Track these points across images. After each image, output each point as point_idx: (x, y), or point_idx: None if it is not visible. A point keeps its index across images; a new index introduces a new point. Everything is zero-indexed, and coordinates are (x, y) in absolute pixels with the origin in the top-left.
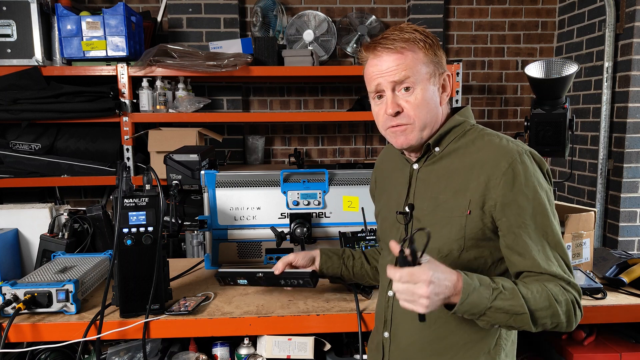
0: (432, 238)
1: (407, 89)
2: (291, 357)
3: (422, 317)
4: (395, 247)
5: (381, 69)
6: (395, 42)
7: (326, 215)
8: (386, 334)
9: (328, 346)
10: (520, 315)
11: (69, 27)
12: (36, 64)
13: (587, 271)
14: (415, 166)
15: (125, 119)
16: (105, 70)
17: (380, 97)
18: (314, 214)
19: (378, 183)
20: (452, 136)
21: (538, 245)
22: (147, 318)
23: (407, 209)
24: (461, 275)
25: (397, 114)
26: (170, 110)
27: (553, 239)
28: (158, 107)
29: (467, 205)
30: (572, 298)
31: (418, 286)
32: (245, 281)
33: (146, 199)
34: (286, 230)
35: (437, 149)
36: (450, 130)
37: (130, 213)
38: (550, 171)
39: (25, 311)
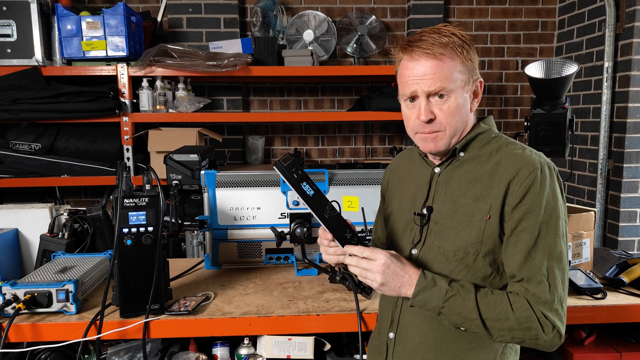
0: (449, 240)
1: (441, 96)
2: (291, 357)
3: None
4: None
5: (417, 74)
6: (433, 46)
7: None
8: (391, 335)
9: (328, 346)
10: (472, 320)
11: (69, 27)
12: (36, 64)
13: (587, 271)
14: (437, 170)
15: (125, 119)
16: (105, 70)
17: (412, 100)
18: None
19: (391, 184)
20: (477, 142)
21: (534, 252)
22: (147, 318)
23: (424, 211)
24: (418, 273)
25: (430, 121)
26: (170, 110)
27: (554, 250)
28: (158, 107)
29: (488, 210)
30: (540, 316)
31: (375, 266)
32: (312, 191)
33: (146, 199)
34: (286, 230)
35: (462, 153)
36: (476, 137)
37: (130, 213)
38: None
39: (25, 311)
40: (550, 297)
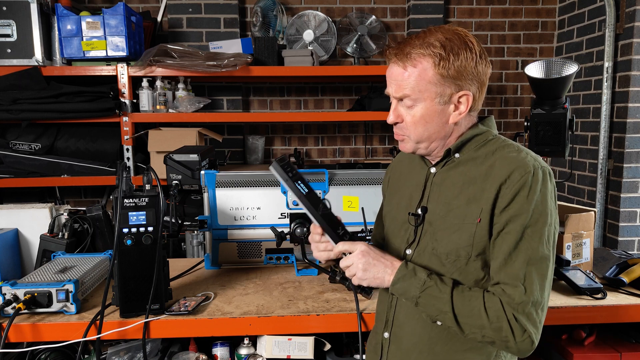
0: (442, 243)
1: (407, 103)
2: (291, 357)
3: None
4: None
5: (389, 76)
6: (409, 54)
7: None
8: (386, 335)
9: (328, 346)
10: (445, 313)
11: (69, 27)
12: (36, 64)
13: (587, 271)
14: (433, 170)
15: (125, 119)
16: (105, 70)
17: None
18: None
19: (391, 182)
20: (473, 144)
21: (514, 255)
22: (147, 318)
23: (419, 212)
24: (400, 263)
25: (397, 123)
26: (170, 110)
27: (535, 255)
28: (158, 107)
29: (479, 213)
30: (511, 318)
31: (353, 258)
32: (305, 190)
33: (146, 199)
34: (286, 230)
35: (457, 155)
36: (472, 138)
37: (130, 213)
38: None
39: (25, 311)
40: (523, 300)
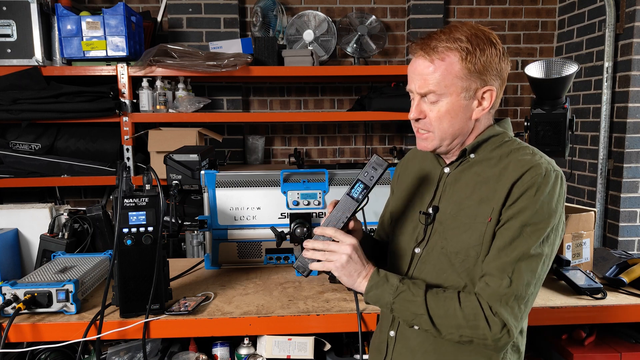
0: (452, 242)
1: (431, 98)
2: (291, 357)
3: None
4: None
5: (413, 71)
6: (436, 48)
7: (326, 215)
8: (392, 333)
9: (328, 346)
10: (420, 316)
11: (69, 27)
12: (36, 64)
13: (587, 271)
14: (447, 169)
15: (125, 119)
16: (105, 70)
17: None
18: (314, 214)
19: (401, 178)
20: (489, 145)
21: (509, 250)
22: (147, 318)
23: (430, 211)
24: (373, 270)
25: (420, 119)
26: (170, 110)
27: (528, 252)
28: (158, 107)
29: (490, 212)
30: (488, 313)
31: (343, 247)
32: (355, 195)
33: (146, 199)
34: (286, 230)
35: (472, 155)
36: (488, 139)
37: (130, 213)
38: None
39: (25, 311)
40: (506, 292)
